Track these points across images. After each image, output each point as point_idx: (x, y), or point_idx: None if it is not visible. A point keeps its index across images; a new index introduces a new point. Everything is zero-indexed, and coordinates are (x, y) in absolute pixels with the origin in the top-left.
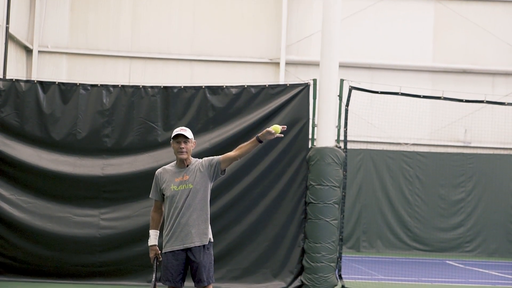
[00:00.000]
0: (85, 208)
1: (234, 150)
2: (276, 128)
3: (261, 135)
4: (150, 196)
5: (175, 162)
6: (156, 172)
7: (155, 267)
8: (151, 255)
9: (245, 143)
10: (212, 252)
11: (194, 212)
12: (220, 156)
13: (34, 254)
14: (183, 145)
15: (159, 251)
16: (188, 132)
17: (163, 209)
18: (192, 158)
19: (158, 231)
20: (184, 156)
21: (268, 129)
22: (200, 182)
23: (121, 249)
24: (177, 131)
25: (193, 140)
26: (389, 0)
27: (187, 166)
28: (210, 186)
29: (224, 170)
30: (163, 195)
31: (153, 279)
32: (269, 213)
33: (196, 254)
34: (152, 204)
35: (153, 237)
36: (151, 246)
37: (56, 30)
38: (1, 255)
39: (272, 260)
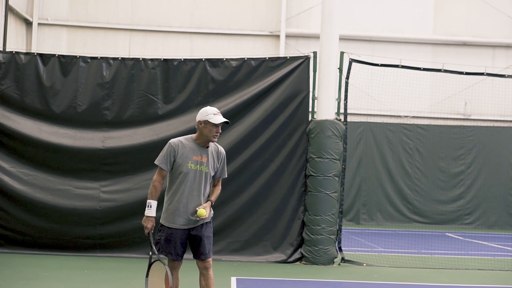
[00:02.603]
0: (85, 181)
1: (217, 186)
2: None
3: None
4: (158, 163)
5: (191, 137)
6: (171, 142)
7: (152, 239)
8: (149, 225)
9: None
10: (212, 225)
11: (203, 195)
12: (220, 178)
13: (35, 226)
14: (220, 130)
15: (155, 223)
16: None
17: (167, 181)
18: None
19: (157, 202)
20: (216, 140)
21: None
22: (211, 168)
23: (121, 221)
24: (218, 117)
25: None
26: None
27: (207, 147)
28: None
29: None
30: (175, 168)
31: (154, 250)
32: (269, 186)
33: (199, 228)
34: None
35: (154, 209)
36: (150, 217)
37: (56, 2)
38: (2, 227)
39: (272, 233)
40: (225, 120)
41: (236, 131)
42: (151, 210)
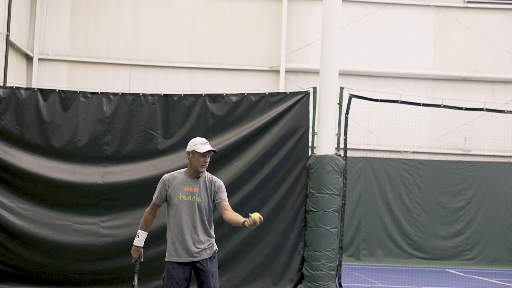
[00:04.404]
0: (85, 216)
1: (229, 211)
2: (255, 216)
3: (247, 224)
4: (153, 199)
5: (183, 170)
6: (164, 177)
7: (137, 268)
8: (134, 255)
9: (235, 219)
10: (217, 260)
11: (200, 225)
12: (225, 200)
13: (34, 261)
14: (208, 160)
15: (142, 253)
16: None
17: (157, 213)
18: None
19: (147, 233)
20: (204, 170)
21: (248, 220)
22: (205, 198)
23: (120, 257)
24: (205, 146)
25: None
26: (389, 8)
27: (198, 177)
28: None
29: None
30: (168, 202)
31: (135, 282)
32: (269, 221)
33: (204, 263)
34: None
35: (142, 238)
36: (138, 247)
37: (56, 37)
38: (1, 263)
39: (272, 268)
40: (211, 149)
41: (236, 166)
42: (138, 240)
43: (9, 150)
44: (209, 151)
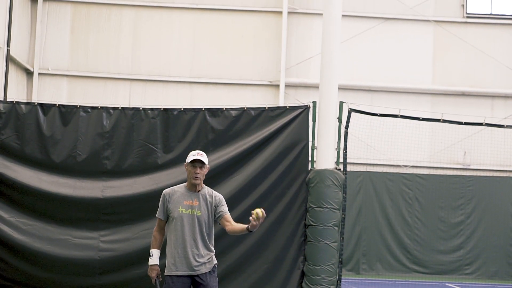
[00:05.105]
0: (84, 230)
1: (232, 223)
2: (257, 211)
3: (250, 226)
4: (156, 215)
5: (184, 184)
6: (164, 191)
7: (158, 286)
8: (153, 274)
9: (239, 227)
10: (216, 274)
11: (200, 239)
12: (227, 213)
13: (34, 276)
14: (198, 171)
15: (160, 271)
16: (204, 157)
17: (165, 230)
18: (203, 184)
19: (160, 251)
20: (198, 181)
21: (252, 217)
22: (205, 212)
23: (120, 271)
24: (194, 155)
25: (207, 166)
26: (389, 23)
27: (198, 191)
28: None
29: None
30: (168, 215)
31: None
32: (269, 235)
33: (204, 277)
34: (154, 225)
35: (156, 257)
36: (153, 265)
37: (56, 52)
38: (1, 277)
39: (271, 283)
40: (198, 158)
41: (235, 180)
42: (152, 259)
43: (9, 164)
44: (199, 162)
